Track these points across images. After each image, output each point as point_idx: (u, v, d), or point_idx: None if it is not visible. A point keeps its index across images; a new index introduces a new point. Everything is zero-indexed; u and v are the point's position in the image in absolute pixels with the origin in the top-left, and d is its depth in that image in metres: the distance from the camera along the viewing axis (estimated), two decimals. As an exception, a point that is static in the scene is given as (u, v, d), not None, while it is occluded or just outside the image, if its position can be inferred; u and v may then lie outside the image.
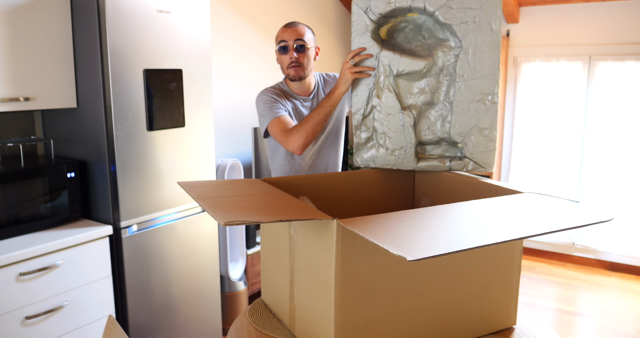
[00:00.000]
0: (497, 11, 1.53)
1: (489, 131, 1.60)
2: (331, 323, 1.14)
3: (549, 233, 1.05)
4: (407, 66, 1.65)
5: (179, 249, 2.48)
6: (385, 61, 1.66)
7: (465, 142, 1.63)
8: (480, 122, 1.59)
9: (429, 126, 1.68)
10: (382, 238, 0.97)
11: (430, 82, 1.64)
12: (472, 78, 1.57)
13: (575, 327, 3.18)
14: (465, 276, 1.27)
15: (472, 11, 1.53)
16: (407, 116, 1.67)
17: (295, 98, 2.11)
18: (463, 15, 1.54)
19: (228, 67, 3.50)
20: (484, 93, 1.58)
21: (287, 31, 2.03)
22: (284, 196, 1.29)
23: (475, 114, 1.59)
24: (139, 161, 2.27)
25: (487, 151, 1.61)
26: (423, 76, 1.64)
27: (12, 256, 1.87)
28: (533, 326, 1.40)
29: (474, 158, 1.62)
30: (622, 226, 4.04)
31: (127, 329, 2.29)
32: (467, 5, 1.55)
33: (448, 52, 1.60)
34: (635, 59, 3.84)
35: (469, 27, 1.55)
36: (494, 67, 1.55)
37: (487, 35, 1.54)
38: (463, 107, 1.60)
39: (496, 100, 1.58)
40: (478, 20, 1.54)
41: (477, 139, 1.61)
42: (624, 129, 3.94)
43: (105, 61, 2.11)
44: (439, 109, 1.66)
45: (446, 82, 1.63)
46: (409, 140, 1.68)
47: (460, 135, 1.63)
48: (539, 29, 4.18)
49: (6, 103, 2.00)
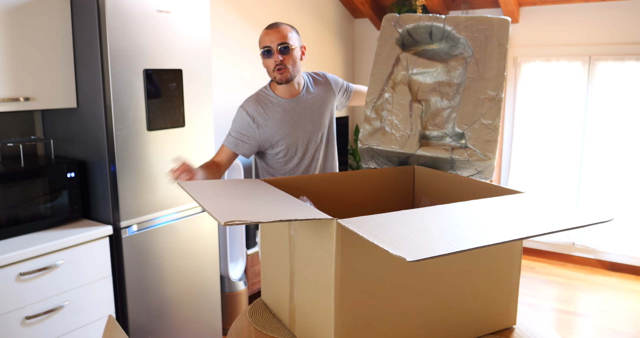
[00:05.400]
0: (506, 32, 1.73)
1: (492, 123, 1.70)
2: (331, 323, 1.14)
3: (549, 233, 1.05)
4: (423, 65, 1.83)
5: (178, 249, 2.48)
6: (403, 61, 1.85)
7: (469, 132, 1.73)
8: (485, 115, 1.71)
9: (436, 121, 1.80)
10: (382, 238, 0.97)
11: (442, 83, 1.80)
12: (480, 79, 1.72)
13: (575, 327, 3.18)
14: (465, 276, 1.27)
15: (485, 30, 1.74)
16: (416, 107, 1.82)
17: (280, 104, 2.05)
18: (476, 32, 1.76)
19: (228, 67, 3.50)
20: (489, 92, 1.72)
21: (270, 34, 1.98)
22: (284, 196, 1.29)
23: (480, 108, 1.72)
24: (139, 161, 2.27)
25: (489, 141, 1.70)
26: (436, 77, 1.81)
27: (12, 256, 1.87)
28: (533, 326, 1.40)
29: (476, 147, 1.71)
30: (622, 226, 4.04)
31: (127, 329, 2.29)
32: (480, 26, 1.75)
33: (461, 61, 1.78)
34: (635, 59, 3.84)
35: (481, 41, 1.75)
36: (500, 73, 1.71)
37: (496, 47, 1.72)
38: (469, 102, 1.74)
39: (501, 98, 1.69)
40: (489, 36, 1.74)
41: (480, 129, 1.71)
42: (624, 129, 3.94)
43: (105, 61, 2.11)
44: (448, 107, 1.79)
45: (456, 84, 1.78)
46: (415, 127, 1.80)
47: (464, 125, 1.74)
48: (539, 29, 4.18)
49: (6, 103, 2.00)
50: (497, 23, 1.74)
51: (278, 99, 2.06)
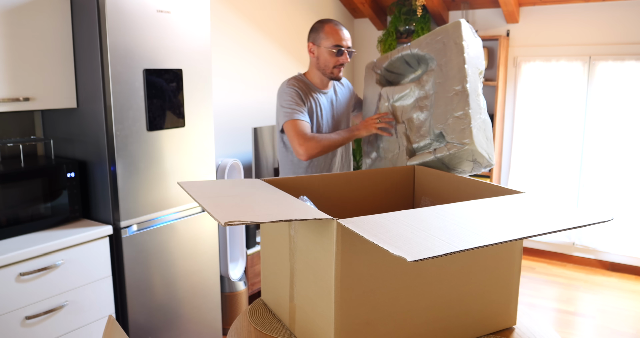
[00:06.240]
0: (459, 32, 1.85)
1: (462, 113, 1.80)
2: (331, 323, 1.14)
3: (549, 233, 1.05)
4: (399, 91, 2.01)
5: (179, 249, 2.48)
6: (384, 94, 2.06)
7: (444, 128, 1.83)
8: (455, 108, 1.81)
9: (421, 132, 1.94)
10: (382, 238, 0.97)
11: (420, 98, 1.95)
12: (446, 80, 1.85)
13: (575, 327, 3.19)
14: (465, 276, 1.27)
15: (441, 38, 1.89)
16: (400, 126, 2.00)
17: (315, 91, 2.22)
18: (435, 43, 1.91)
19: (228, 67, 3.50)
20: (455, 87, 1.83)
21: (343, 33, 2.16)
22: (284, 196, 1.29)
23: (450, 105, 1.83)
24: (139, 161, 2.27)
25: (463, 129, 1.79)
26: (413, 96, 1.97)
27: (12, 256, 1.87)
28: (533, 326, 1.40)
29: (453, 140, 1.81)
30: (622, 226, 4.04)
31: (127, 329, 2.29)
32: (437, 37, 1.91)
33: (430, 74, 1.92)
34: (635, 59, 3.84)
35: (440, 49, 1.89)
36: (460, 67, 1.82)
37: (453, 47, 1.85)
38: (440, 104, 1.87)
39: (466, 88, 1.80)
40: (445, 41, 1.88)
41: (454, 123, 1.81)
42: (624, 129, 3.94)
43: (105, 61, 2.11)
44: (427, 117, 1.92)
45: (431, 95, 1.91)
46: (401, 145, 1.98)
47: (439, 125, 1.85)
48: (539, 29, 4.18)
49: (6, 103, 2.00)
50: (450, 28, 1.88)
51: (313, 88, 2.22)
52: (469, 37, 1.89)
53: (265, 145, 3.43)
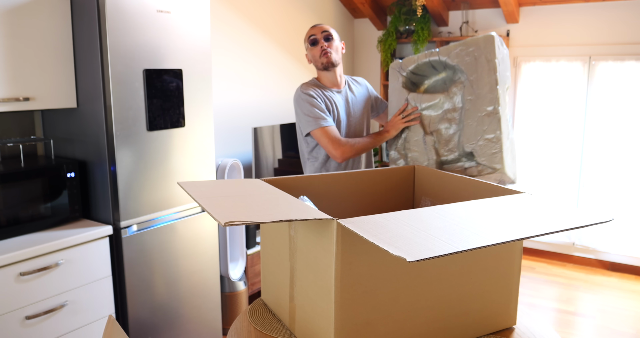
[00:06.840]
0: (491, 47, 1.85)
1: (494, 137, 1.84)
2: (331, 323, 1.14)
3: (550, 233, 1.05)
4: (427, 100, 2.02)
5: (179, 249, 2.48)
6: (412, 101, 2.07)
7: (475, 149, 1.88)
8: (486, 131, 1.85)
9: (449, 146, 1.97)
10: (382, 238, 0.97)
11: (448, 110, 1.97)
12: (477, 99, 1.87)
13: (575, 327, 3.18)
14: (465, 277, 1.27)
15: (473, 51, 1.88)
16: (429, 138, 2.02)
17: (328, 91, 2.26)
18: (466, 56, 1.90)
19: (228, 67, 3.50)
20: (486, 108, 1.86)
21: (314, 28, 2.27)
22: (284, 196, 1.29)
23: (481, 125, 1.86)
24: (139, 161, 2.27)
25: (494, 154, 1.84)
26: (442, 107, 1.99)
27: (12, 256, 1.87)
28: (533, 326, 1.40)
29: (484, 162, 1.86)
30: (622, 226, 4.04)
31: (127, 329, 2.29)
32: (469, 48, 1.90)
33: (459, 86, 1.93)
34: (635, 59, 3.84)
35: (471, 63, 1.89)
36: (492, 88, 1.84)
37: (485, 65, 1.86)
38: (470, 123, 1.89)
39: (497, 110, 1.83)
40: (477, 56, 1.87)
41: (485, 145, 1.85)
42: (624, 129, 3.94)
43: (105, 61, 2.11)
44: (456, 131, 1.95)
45: (459, 109, 1.93)
46: (430, 157, 2.01)
47: (470, 144, 1.90)
48: (539, 29, 4.18)
49: (6, 103, 2.00)
50: (482, 42, 1.87)
51: (325, 88, 2.27)
52: (500, 52, 1.90)
53: (265, 145, 3.43)
